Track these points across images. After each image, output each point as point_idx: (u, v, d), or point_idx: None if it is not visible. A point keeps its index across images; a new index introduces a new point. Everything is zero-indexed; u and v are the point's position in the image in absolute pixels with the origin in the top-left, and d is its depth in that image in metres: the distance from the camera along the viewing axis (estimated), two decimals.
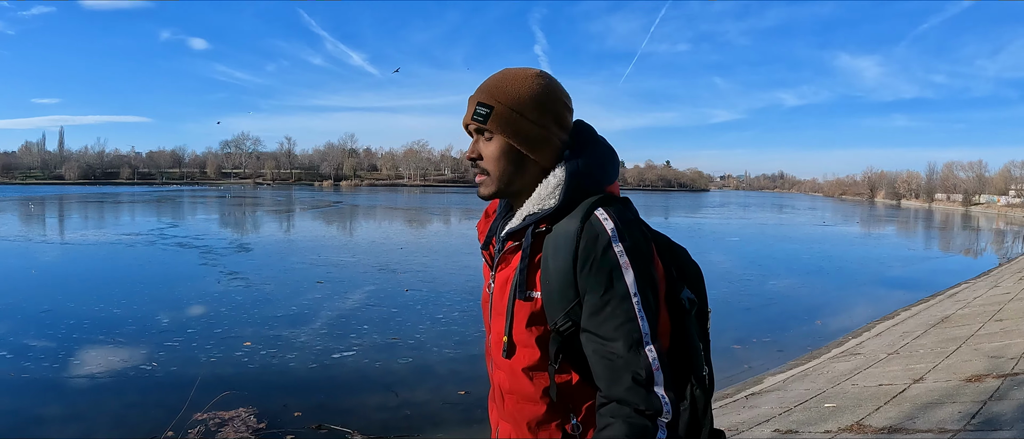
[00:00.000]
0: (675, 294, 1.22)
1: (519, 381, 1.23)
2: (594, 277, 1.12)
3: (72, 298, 11.63)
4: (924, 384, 4.98)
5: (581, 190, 1.20)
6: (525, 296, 1.20)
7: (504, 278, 1.25)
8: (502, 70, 1.28)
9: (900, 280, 16.68)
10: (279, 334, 8.97)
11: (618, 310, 1.10)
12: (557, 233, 1.17)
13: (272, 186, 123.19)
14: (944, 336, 7.20)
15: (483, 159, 1.26)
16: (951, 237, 37.27)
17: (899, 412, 4.25)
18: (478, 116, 1.24)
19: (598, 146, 1.27)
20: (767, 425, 4.53)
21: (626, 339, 1.10)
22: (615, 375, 1.10)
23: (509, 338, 1.22)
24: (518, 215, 1.25)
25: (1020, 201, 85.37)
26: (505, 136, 1.23)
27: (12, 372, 7.21)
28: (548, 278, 1.17)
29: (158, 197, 65.89)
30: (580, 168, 1.21)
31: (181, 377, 7.04)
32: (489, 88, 1.26)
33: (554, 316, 1.16)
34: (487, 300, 1.35)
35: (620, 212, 1.17)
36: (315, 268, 15.83)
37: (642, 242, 1.15)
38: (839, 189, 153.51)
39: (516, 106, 1.22)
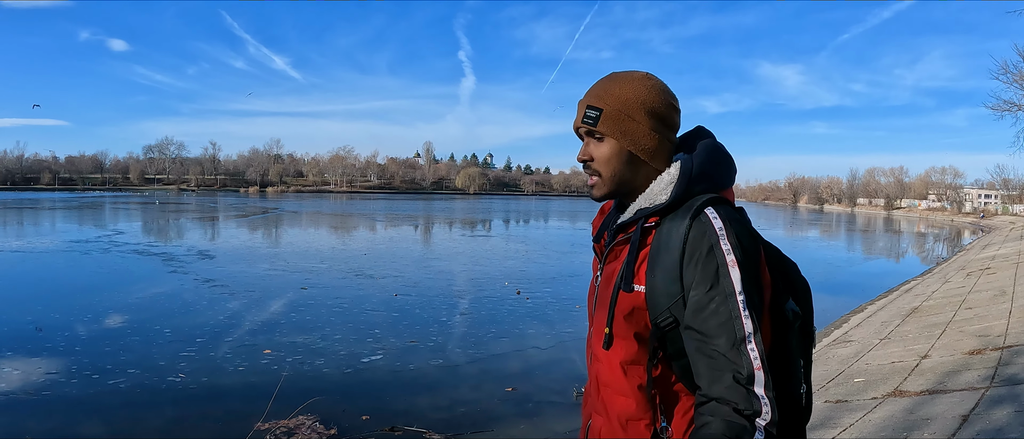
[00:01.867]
0: (779, 305, 1.22)
1: (615, 374, 1.25)
2: (700, 273, 1.13)
3: (44, 307, 11.37)
4: (932, 360, 5.89)
5: (694, 188, 1.23)
6: (629, 288, 1.21)
7: (611, 271, 1.28)
8: (610, 73, 1.33)
9: (854, 277, 18.30)
10: (293, 341, 9.12)
11: (722, 307, 1.11)
12: (666, 228, 1.20)
13: (197, 192, 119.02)
14: (924, 323, 8.25)
15: (595, 161, 1.30)
16: (886, 239, 40.36)
17: (926, 380, 5.10)
18: (588, 119, 1.29)
19: (715, 148, 1.30)
20: (814, 398, 5.28)
21: (728, 336, 1.10)
22: (716, 373, 1.11)
23: (610, 330, 1.24)
24: (630, 209, 1.28)
25: (940, 205, 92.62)
26: (615, 138, 1.27)
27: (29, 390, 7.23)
28: (653, 272, 1.19)
29: (86, 203, 62.60)
30: (694, 167, 1.24)
31: (216, 389, 7.17)
32: (598, 91, 1.30)
33: (656, 310, 1.18)
34: (593, 292, 1.38)
35: (730, 213, 1.20)
36: (291, 274, 15.86)
37: (750, 244, 1.17)
38: (762, 194, 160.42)
39: (625, 108, 1.26)
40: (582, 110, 1.30)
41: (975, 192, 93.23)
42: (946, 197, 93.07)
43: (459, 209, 69.84)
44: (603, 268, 1.32)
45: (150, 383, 7.29)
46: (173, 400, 6.82)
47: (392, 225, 39.54)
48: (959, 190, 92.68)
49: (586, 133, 1.31)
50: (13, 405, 6.59)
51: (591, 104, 1.29)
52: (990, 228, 46.75)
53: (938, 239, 40.61)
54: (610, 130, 1.27)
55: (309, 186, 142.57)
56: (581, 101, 1.32)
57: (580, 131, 1.33)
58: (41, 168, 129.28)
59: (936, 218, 77.28)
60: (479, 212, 62.68)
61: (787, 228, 49.39)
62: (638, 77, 1.30)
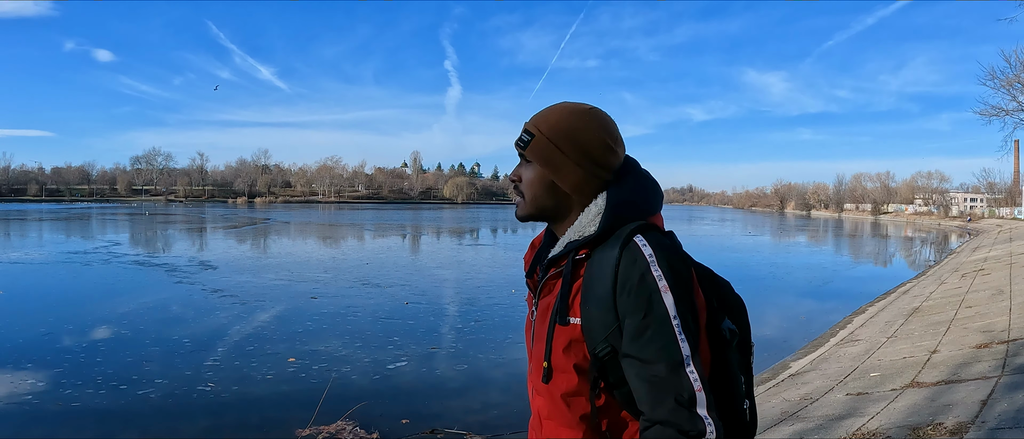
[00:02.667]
0: (716, 324, 1.25)
1: (558, 407, 1.26)
2: (633, 301, 1.15)
3: (58, 317, 11.52)
4: (942, 354, 6.26)
5: (621, 218, 1.24)
6: (564, 321, 1.23)
7: (546, 305, 1.29)
8: (560, 102, 1.35)
9: (850, 281, 18.78)
10: (314, 349, 9.31)
11: (658, 333, 1.13)
12: (597, 259, 1.22)
13: (185, 203, 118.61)
14: (927, 322, 8.65)
15: (521, 182, 1.33)
16: (877, 244, 41.04)
17: (939, 372, 5.46)
18: (520, 142, 1.32)
19: (640, 177, 1.32)
20: (835, 392, 5.64)
21: (668, 361, 1.12)
22: (657, 397, 1.13)
23: (548, 363, 1.24)
24: (560, 243, 1.30)
25: (927, 209, 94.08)
26: (540, 165, 1.30)
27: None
28: (587, 303, 1.20)
29: (75, 215, 62.09)
30: (621, 198, 1.26)
31: (248, 397, 7.30)
32: (539, 116, 1.32)
33: (593, 341, 1.19)
34: (529, 326, 1.39)
35: (659, 239, 1.21)
36: (298, 284, 16.06)
37: (681, 268, 1.19)
38: (749, 201, 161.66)
39: (554, 139, 1.28)
40: (521, 132, 1.33)
41: (961, 196, 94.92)
42: (933, 201, 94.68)
43: (450, 219, 70.07)
44: (538, 302, 1.33)
45: (180, 392, 7.44)
46: (206, 409, 6.96)
47: (388, 235, 39.71)
48: (945, 194, 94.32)
49: (520, 154, 1.34)
50: (46, 415, 6.71)
51: (527, 128, 1.32)
52: (977, 231, 47.68)
53: (928, 243, 41.43)
54: (536, 157, 1.29)
55: (297, 196, 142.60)
56: (525, 123, 1.35)
57: (517, 150, 1.35)
58: (28, 179, 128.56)
59: (923, 222, 78.54)
60: (471, 221, 62.93)
61: (776, 234, 50.02)
62: (581, 110, 1.30)
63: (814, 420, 4.71)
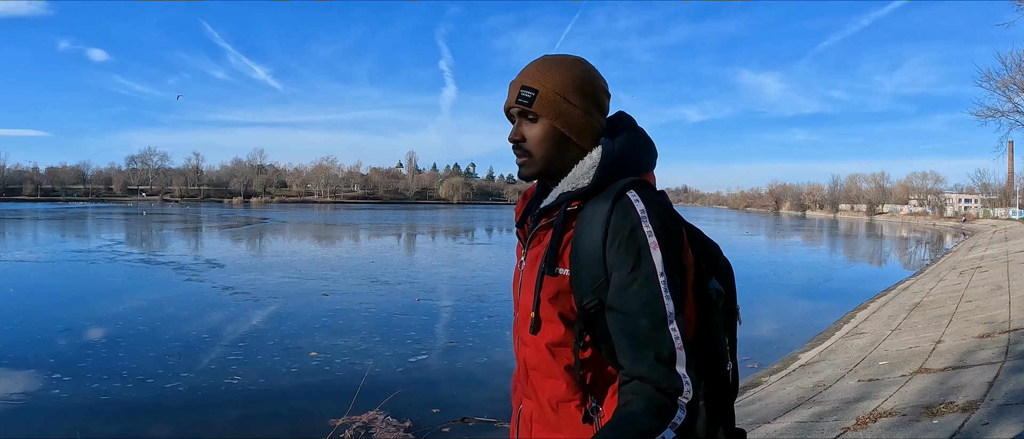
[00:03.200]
0: (703, 285, 1.25)
1: (543, 357, 1.27)
2: (622, 254, 1.16)
3: (67, 315, 11.74)
4: (946, 344, 6.59)
5: (615, 172, 1.25)
6: (553, 272, 1.24)
7: (535, 255, 1.30)
8: (542, 56, 1.35)
9: (849, 279, 19.18)
10: (334, 344, 9.52)
11: (644, 288, 1.14)
12: (588, 211, 1.22)
13: (180, 203, 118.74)
14: (930, 315, 8.99)
15: (526, 141, 1.32)
16: (874, 244, 41.50)
17: (945, 360, 5.78)
18: (523, 99, 1.30)
19: (636, 133, 1.33)
20: (846, 379, 5.95)
21: (651, 316, 1.13)
22: (638, 352, 1.14)
23: (536, 314, 1.25)
24: (553, 193, 1.30)
25: (922, 209, 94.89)
26: (549, 119, 1.28)
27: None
28: (577, 255, 1.21)
29: (73, 214, 61.94)
30: (616, 151, 1.27)
31: (276, 390, 7.46)
32: (533, 72, 1.31)
33: (580, 293, 1.20)
34: (517, 277, 1.40)
35: (651, 196, 1.22)
36: (307, 282, 16.30)
37: (672, 225, 1.20)
38: (744, 202, 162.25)
39: (560, 90, 1.28)
40: (515, 91, 1.32)
41: (956, 196, 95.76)
42: (928, 202, 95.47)
43: (449, 218, 70.31)
44: (527, 253, 1.34)
45: (207, 385, 7.59)
46: (236, 402, 7.11)
47: (389, 235, 39.94)
48: (940, 195, 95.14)
49: (519, 113, 1.33)
50: (75, 410, 6.79)
51: (526, 84, 1.30)
52: (972, 231, 48.25)
53: (924, 242, 41.93)
54: (545, 111, 1.28)
55: (293, 196, 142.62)
56: (513, 82, 1.34)
57: (512, 112, 1.34)
58: (23, 179, 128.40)
59: (918, 222, 79.23)
60: (469, 221, 63.21)
61: (774, 234, 50.46)
62: (572, 60, 1.33)
63: (830, 403, 5.01)
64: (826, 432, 4.08)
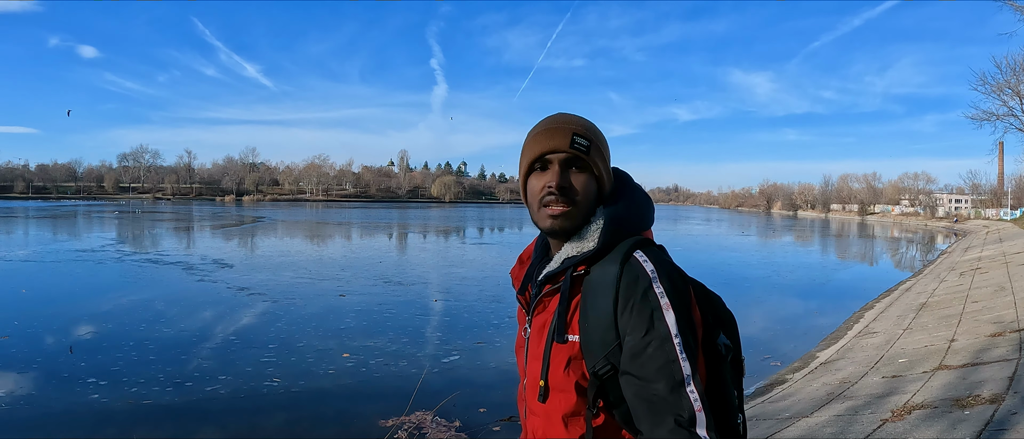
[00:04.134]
0: (711, 340, 1.24)
1: (554, 427, 1.25)
2: (635, 318, 1.15)
3: (71, 318, 11.98)
4: (960, 342, 7.02)
5: (620, 234, 1.24)
6: (562, 339, 1.22)
7: (541, 323, 1.28)
8: (562, 113, 1.33)
9: (850, 280, 19.72)
10: (364, 345, 9.78)
11: (659, 351, 1.13)
12: (596, 275, 1.21)
13: (172, 201, 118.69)
14: (938, 315, 9.45)
15: (576, 190, 1.28)
16: (870, 244, 42.25)
17: (962, 357, 6.21)
18: (580, 147, 1.27)
19: (635, 192, 1.33)
20: (870, 376, 6.36)
21: (668, 380, 1.12)
22: (657, 417, 1.13)
23: (545, 382, 1.23)
24: (556, 258, 1.28)
25: (913, 210, 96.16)
26: (599, 171, 1.29)
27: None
28: (587, 321, 1.20)
29: (67, 212, 61.74)
30: (619, 213, 1.26)
31: (318, 392, 7.62)
32: (579, 124, 1.30)
33: (593, 359, 1.19)
34: (522, 345, 1.38)
35: (658, 255, 1.23)
36: (320, 282, 16.57)
37: (681, 285, 1.20)
38: (735, 201, 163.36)
39: (602, 148, 1.30)
40: (566, 137, 1.27)
41: (946, 197, 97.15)
42: (919, 202, 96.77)
43: (445, 218, 70.58)
44: (531, 320, 1.32)
45: (248, 389, 7.70)
46: (279, 404, 7.20)
47: (390, 234, 40.24)
48: (932, 196, 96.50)
49: (566, 161, 1.28)
50: (117, 414, 6.84)
51: (579, 134, 1.27)
52: (964, 232, 49.09)
53: (918, 243, 42.73)
54: (598, 165, 1.28)
55: (285, 195, 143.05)
56: (555, 128, 1.29)
57: (556, 158, 1.28)
58: (14, 176, 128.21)
59: (910, 223, 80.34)
60: (466, 221, 63.49)
61: (769, 234, 51.14)
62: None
63: (861, 398, 5.42)
64: (866, 424, 4.48)
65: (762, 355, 9.07)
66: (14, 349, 9.39)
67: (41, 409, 7.00)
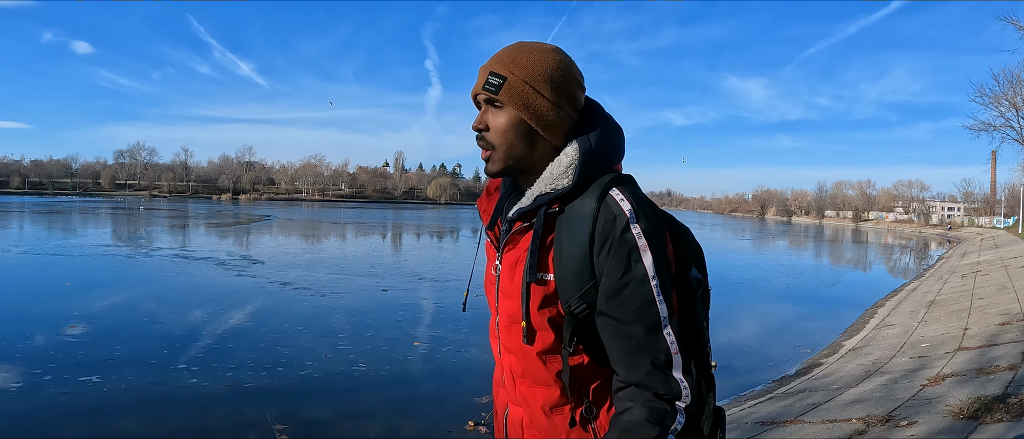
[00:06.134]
0: (684, 274, 1.24)
1: (532, 364, 1.26)
2: (612, 259, 1.14)
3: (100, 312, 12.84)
4: (973, 330, 8.13)
5: (594, 169, 1.22)
6: (537, 279, 1.21)
7: (513, 259, 1.27)
8: (516, 42, 1.29)
9: (855, 283, 20.95)
10: (429, 334, 10.49)
11: (636, 293, 1.13)
12: (572, 214, 1.20)
13: (169, 198, 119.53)
14: (948, 310, 10.57)
15: (490, 131, 1.27)
16: (868, 250, 43.69)
17: (977, 341, 7.30)
18: (490, 86, 1.25)
19: (608, 124, 1.30)
20: (899, 357, 7.44)
21: (645, 322, 1.13)
22: (634, 359, 1.14)
23: (528, 323, 1.22)
24: (528, 194, 1.26)
25: (907, 217, 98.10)
26: (516, 109, 1.24)
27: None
28: (562, 260, 1.19)
29: (70, 208, 62.23)
30: (593, 147, 1.23)
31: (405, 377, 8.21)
32: (503, 58, 1.26)
33: (568, 299, 1.18)
34: (493, 282, 1.37)
35: (635, 192, 1.21)
36: (357, 278, 17.46)
37: (657, 224, 1.19)
38: (729, 206, 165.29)
39: (530, 80, 1.23)
40: (483, 76, 1.26)
41: (940, 204, 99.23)
42: (913, 209, 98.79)
43: (447, 218, 71.63)
44: (501, 256, 1.31)
45: (339, 373, 8.17)
46: (372, 386, 7.77)
47: (401, 234, 41.24)
48: (925, 203, 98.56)
49: (485, 101, 1.28)
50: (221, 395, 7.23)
51: (495, 71, 1.25)
52: (959, 239, 50.62)
53: (916, 249, 44.24)
54: (512, 100, 1.24)
55: (281, 194, 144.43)
56: (483, 67, 1.28)
57: (479, 98, 1.29)
58: (9, 172, 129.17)
59: (904, 230, 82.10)
60: (468, 222, 64.47)
61: (769, 239, 52.42)
62: (546, 49, 1.28)
63: (896, 373, 6.50)
64: (908, 389, 5.55)
65: (793, 343, 10.20)
66: (90, 338, 9.71)
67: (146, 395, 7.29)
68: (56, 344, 9.27)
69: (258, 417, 6.63)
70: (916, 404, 4.84)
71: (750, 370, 8.67)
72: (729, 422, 5.53)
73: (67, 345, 9.23)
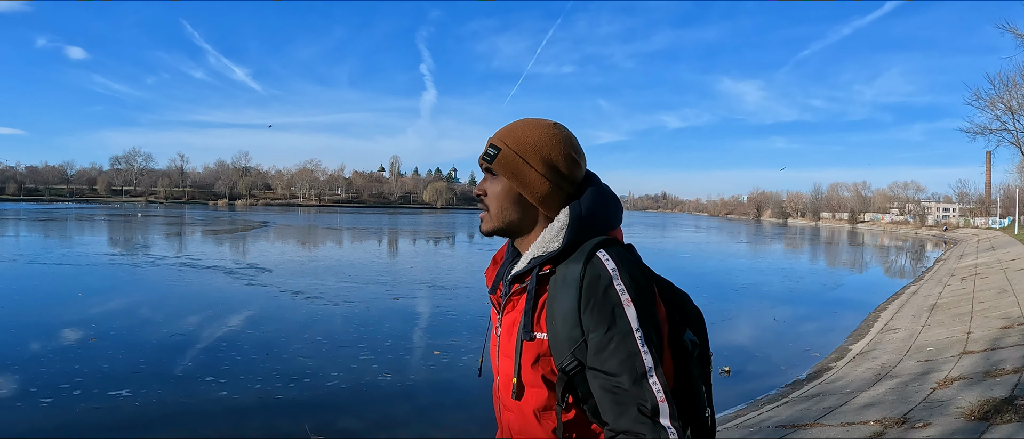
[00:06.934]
0: (678, 336, 1.30)
1: (528, 422, 1.32)
2: (597, 315, 1.21)
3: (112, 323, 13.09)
4: (977, 334, 8.49)
5: (585, 233, 1.31)
6: (530, 337, 1.28)
7: (511, 321, 1.35)
8: (522, 118, 1.42)
9: (856, 286, 21.38)
10: (447, 343, 10.73)
11: (621, 346, 1.19)
12: (561, 275, 1.27)
13: (165, 204, 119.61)
14: (950, 313, 10.93)
15: (487, 196, 1.40)
16: (866, 253, 44.19)
17: (982, 344, 7.66)
18: (487, 156, 1.39)
19: (600, 190, 1.38)
20: (906, 361, 7.79)
21: (630, 373, 1.18)
22: (621, 408, 1.19)
23: (518, 379, 1.30)
24: (523, 258, 1.36)
25: (903, 218, 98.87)
26: (508, 179, 1.37)
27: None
28: (553, 318, 1.26)
29: (68, 215, 61.53)
30: (583, 213, 1.32)
31: (430, 385, 8.45)
32: (502, 131, 1.40)
33: (560, 356, 1.25)
34: (494, 343, 1.45)
35: (621, 253, 1.28)
36: (366, 287, 17.71)
37: (643, 281, 1.25)
38: (725, 209, 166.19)
39: (522, 152, 1.35)
40: (486, 147, 1.40)
41: (935, 205, 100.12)
42: (909, 211, 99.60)
43: (447, 224, 71.82)
44: (502, 318, 1.39)
45: (365, 384, 8.36)
46: (400, 394, 7.92)
47: (401, 239, 41.52)
48: (921, 204, 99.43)
49: (484, 169, 1.41)
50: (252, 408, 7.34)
51: (492, 143, 1.39)
52: (955, 240, 51.18)
53: (912, 251, 44.82)
54: (503, 170, 1.36)
55: (278, 199, 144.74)
56: (489, 139, 1.41)
57: (481, 167, 1.42)
58: (5, 178, 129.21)
59: (900, 231, 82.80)
60: (468, 227, 64.69)
61: (765, 242, 52.86)
62: (543, 125, 1.38)
63: (905, 377, 6.84)
64: (920, 392, 5.89)
65: (801, 348, 10.56)
66: (111, 350, 9.80)
67: (179, 408, 7.38)
68: (79, 357, 9.38)
69: (294, 428, 6.73)
70: (929, 406, 5.18)
71: (761, 375, 9.02)
72: (750, 426, 5.95)
73: (90, 358, 9.34)
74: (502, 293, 1.41)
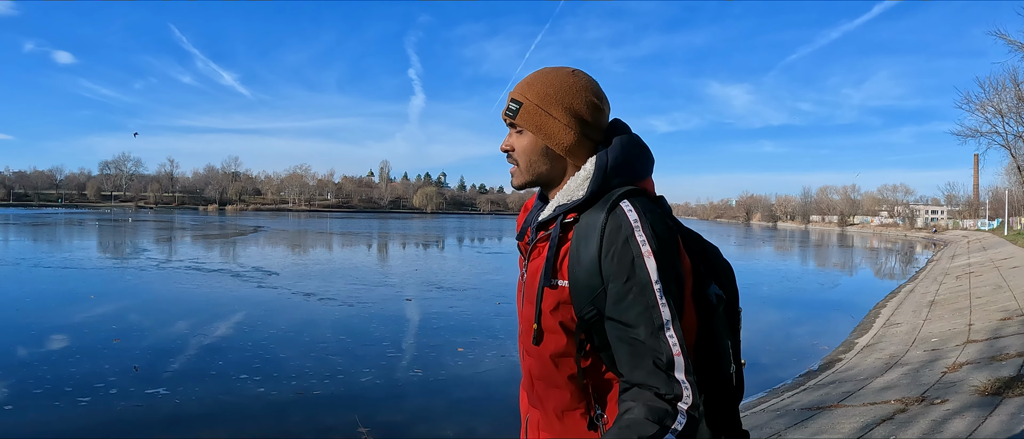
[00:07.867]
0: (702, 290, 1.30)
1: (547, 367, 1.35)
2: (616, 265, 1.22)
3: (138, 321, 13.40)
4: (977, 325, 9.02)
5: (610, 182, 1.31)
6: (552, 284, 1.30)
7: (535, 267, 1.37)
8: (541, 68, 1.42)
9: (852, 285, 21.97)
10: (468, 340, 11.06)
11: (639, 297, 1.20)
12: (584, 223, 1.28)
13: (156, 210, 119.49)
14: (949, 308, 11.49)
15: (515, 151, 1.41)
16: (858, 254, 45.00)
17: (983, 334, 8.19)
18: (509, 112, 1.40)
19: (630, 142, 1.38)
20: (913, 351, 8.30)
21: (647, 325, 1.19)
22: (636, 360, 1.20)
23: (538, 325, 1.32)
24: (549, 206, 1.38)
25: (893, 220, 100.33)
26: (532, 132, 1.37)
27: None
28: (574, 267, 1.27)
29: (58, 220, 61.00)
30: (608, 162, 1.33)
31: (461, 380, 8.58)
32: (522, 84, 1.40)
33: (579, 304, 1.27)
34: (520, 289, 1.47)
35: (645, 204, 1.28)
36: (376, 288, 18.09)
37: (665, 233, 1.25)
38: (714, 213, 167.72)
39: (543, 103, 1.36)
40: (507, 102, 1.41)
41: (924, 208, 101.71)
42: (898, 213, 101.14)
43: (438, 227, 72.15)
44: (527, 265, 1.41)
45: (398, 380, 8.60)
46: (435, 391, 8.12)
47: (401, 243, 41.79)
48: (910, 206, 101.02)
49: (508, 124, 1.42)
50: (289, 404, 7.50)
51: (513, 97, 1.40)
52: (945, 242, 52.23)
53: (904, 252, 45.77)
54: (527, 124, 1.37)
55: (268, 204, 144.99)
56: (509, 92, 1.43)
57: (505, 122, 1.43)
58: None
59: (890, 233, 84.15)
60: (460, 230, 65.13)
61: (759, 245, 53.61)
62: (562, 72, 1.39)
63: (915, 364, 7.35)
64: (932, 375, 6.39)
65: (812, 340, 11.08)
66: (137, 350, 9.90)
67: (220, 405, 7.55)
68: (107, 358, 9.46)
69: (336, 422, 6.94)
70: (943, 386, 5.68)
71: (774, 366, 9.48)
72: (776, 410, 6.42)
73: (118, 358, 9.40)
74: (529, 240, 1.43)
